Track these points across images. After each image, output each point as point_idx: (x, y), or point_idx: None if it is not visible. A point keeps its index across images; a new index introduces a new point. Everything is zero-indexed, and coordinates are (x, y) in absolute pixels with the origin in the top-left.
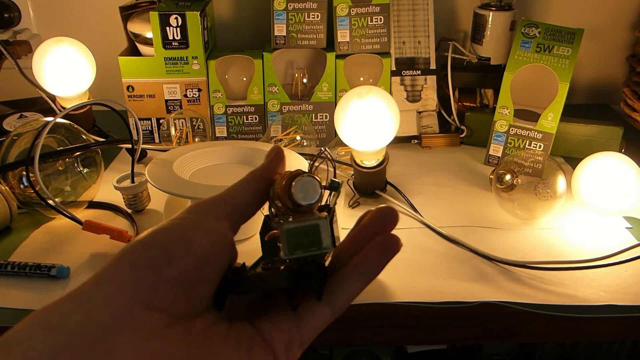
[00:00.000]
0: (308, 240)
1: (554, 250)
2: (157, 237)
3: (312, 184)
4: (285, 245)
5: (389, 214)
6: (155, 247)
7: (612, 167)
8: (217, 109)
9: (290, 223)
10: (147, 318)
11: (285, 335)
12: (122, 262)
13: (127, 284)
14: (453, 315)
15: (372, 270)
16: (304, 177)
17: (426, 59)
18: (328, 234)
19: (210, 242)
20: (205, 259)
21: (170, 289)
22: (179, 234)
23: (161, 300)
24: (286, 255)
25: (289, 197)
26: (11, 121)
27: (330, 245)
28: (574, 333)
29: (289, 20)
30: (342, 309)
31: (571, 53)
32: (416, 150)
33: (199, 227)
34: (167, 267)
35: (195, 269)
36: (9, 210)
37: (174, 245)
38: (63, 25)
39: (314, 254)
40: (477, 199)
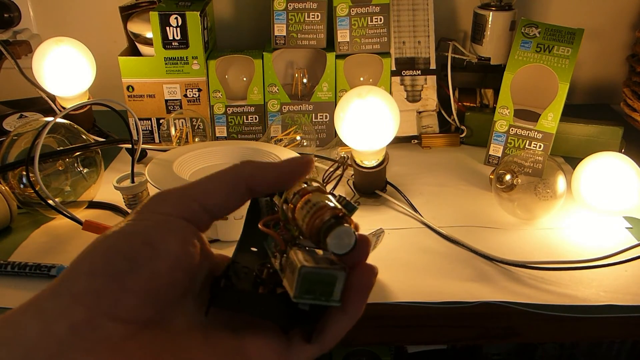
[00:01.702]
0: (320, 289)
1: (554, 250)
2: (119, 242)
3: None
4: (296, 287)
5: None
6: (117, 254)
7: (612, 167)
8: (217, 109)
9: (308, 266)
10: (109, 329)
11: (275, 357)
12: (80, 271)
13: (86, 295)
14: (453, 315)
15: (357, 310)
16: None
17: (426, 59)
18: (341, 286)
19: (177, 244)
20: (174, 263)
21: (136, 298)
22: (143, 238)
23: (125, 310)
24: (294, 298)
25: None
26: (11, 121)
27: (339, 300)
28: (574, 333)
29: (289, 20)
30: (331, 346)
31: (571, 53)
32: (416, 150)
33: (163, 229)
34: (131, 275)
35: (162, 275)
36: (9, 210)
37: (137, 252)
38: (63, 25)
39: (321, 303)
40: (477, 199)
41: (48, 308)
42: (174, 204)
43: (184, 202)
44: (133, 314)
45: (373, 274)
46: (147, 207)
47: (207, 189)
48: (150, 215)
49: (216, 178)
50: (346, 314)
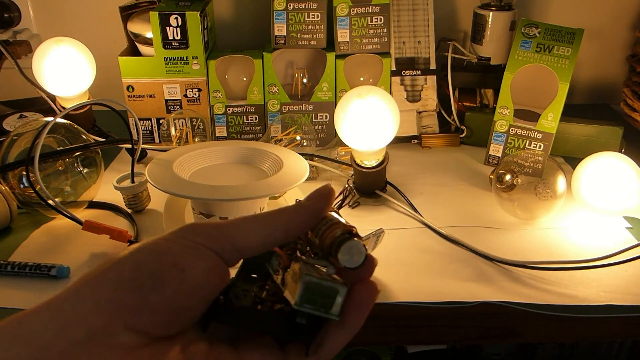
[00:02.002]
0: (320, 300)
1: (554, 250)
2: (148, 259)
3: (360, 250)
4: (299, 295)
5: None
6: (145, 270)
7: (612, 167)
8: (217, 109)
9: (312, 276)
10: (124, 338)
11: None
12: (106, 279)
13: (109, 303)
14: (453, 315)
15: (356, 326)
16: (356, 243)
17: (426, 59)
18: (342, 301)
19: (203, 272)
20: (196, 289)
21: (155, 314)
22: (172, 260)
23: (143, 323)
24: (295, 305)
25: (330, 250)
26: (11, 121)
27: (338, 314)
28: (574, 333)
29: (289, 20)
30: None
31: (571, 53)
32: (416, 150)
33: (193, 254)
34: (154, 292)
35: (183, 298)
36: (9, 210)
37: (164, 271)
38: (63, 25)
39: (319, 314)
40: (477, 199)
41: (68, 310)
42: (208, 236)
43: (217, 238)
44: (150, 327)
45: (375, 292)
46: (181, 231)
47: (242, 232)
48: (181, 240)
49: (253, 222)
50: (344, 327)
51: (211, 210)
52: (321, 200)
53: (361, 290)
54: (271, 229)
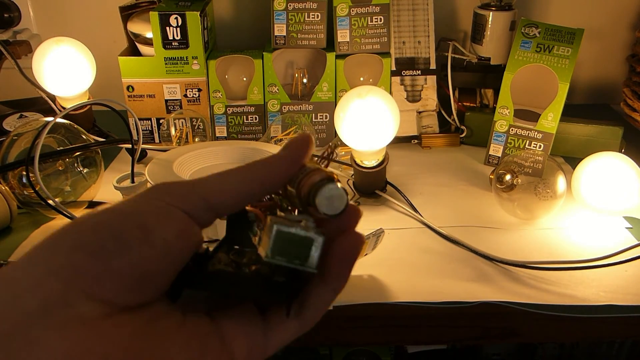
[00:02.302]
0: (295, 251)
1: (554, 250)
2: (111, 220)
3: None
4: (269, 246)
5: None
6: (107, 232)
7: (612, 167)
8: (217, 109)
9: (283, 223)
10: (84, 308)
11: (250, 340)
12: (63, 243)
13: (65, 269)
14: (453, 315)
15: (341, 282)
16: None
17: (426, 59)
18: (319, 252)
19: (174, 234)
20: (166, 252)
21: (118, 280)
22: (138, 221)
23: (105, 291)
24: (266, 257)
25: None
26: (11, 121)
27: (315, 266)
28: (574, 333)
29: (289, 20)
30: (312, 323)
31: (571, 53)
32: (416, 150)
33: (162, 215)
34: (117, 257)
35: (151, 262)
36: (9, 210)
37: (129, 233)
38: (63, 25)
39: (295, 267)
40: (477, 199)
41: (20, 278)
42: (178, 196)
43: (189, 197)
44: (113, 296)
45: (359, 242)
46: (150, 191)
47: (217, 188)
48: (150, 200)
49: (227, 177)
50: (328, 284)
51: None
52: (299, 149)
53: (343, 242)
54: (247, 183)
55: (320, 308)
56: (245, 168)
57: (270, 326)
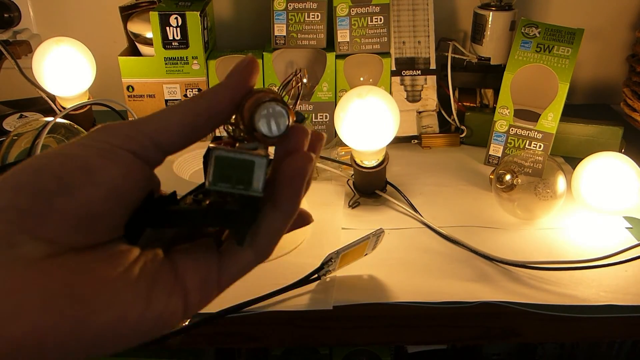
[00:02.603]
0: (237, 176)
1: (554, 250)
2: (53, 162)
3: (280, 114)
4: (210, 173)
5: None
6: (49, 173)
7: (612, 167)
8: None
9: (222, 149)
10: (28, 247)
11: (202, 272)
12: (4, 186)
13: (8, 210)
14: (453, 315)
15: (291, 205)
16: (273, 105)
17: (426, 59)
18: (262, 175)
19: (119, 175)
20: (112, 193)
21: (62, 220)
22: (80, 162)
23: (50, 231)
24: (209, 185)
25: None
26: (11, 121)
27: (260, 189)
28: (574, 333)
29: (289, 20)
30: (267, 252)
31: (571, 53)
32: (416, 150)
33: (106, 157)
34: (60, 197)
35: (97, 203)
36: None
37: (72, 174)
38: (63, 25)
39: (239, 192)
40: (477, 199)
41: None
42: (122, 136)
43: (134, 137)
44: (58, 235)
45: (307, 160)
46: (90, 135)
47: (161, 125)
48: (93, 142)
49: (171, 113)
50: (277, 209)
51: None
52: (241, 73)
53: (290, 162)
54: (191, 116)
55: (273, 235)
56: (188, 101)
57: (224, 259)
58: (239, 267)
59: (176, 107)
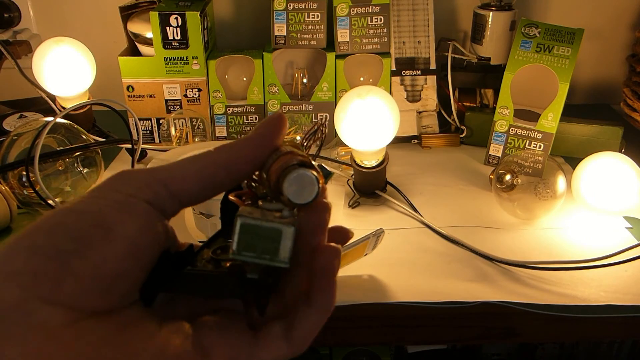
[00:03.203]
0: (263, 245)
1: (554, 250)
2: (68, 220)
3: (309, 182)
4: (234, 242)
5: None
6: (64, 232)
7: (612, 167)
8: (217, 109)
9: (248, 216)
10: (45, 315)
11: (233, 353)
12: (19, 248)
13: (22, 274)
14: (453, 315)
15: (327, 303)
16: (303, 172)
17: (426, 59)
18: (289, 245)
19: (137, 229)
20: (129, 250)
21: (79, 283)
22: (96, 218)
23: (67, 295)
24: (233, 254)
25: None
26: (11, 121)
27: (287, 260)
28: (574, 333)
29: (289, 20)
30: (303, 347)
31: (571, 53)
32: (416, 150)
33: (122, 210)
34: (76, 258)
35: (114, 262)
36: (9, 210)
37: (88, 232)
38: (63, 25)
39: (265, 263)
40: (477, 199)
41: None
42: (138, 184)
43: (150, 184)
44: (76, 300)
45: (334, 256)
46: (106, 185)
47: (178, 174)
48: (108, 194)
49: (189, 162)
50: (312, 306)
51: (211, 210)
52: (268, 130)
53: (319, 258)
54: (211, 168)
55: (310, 331)
56: (209, 152)
57: (258, 343)
58: (272, 356)
59: (196, 157)
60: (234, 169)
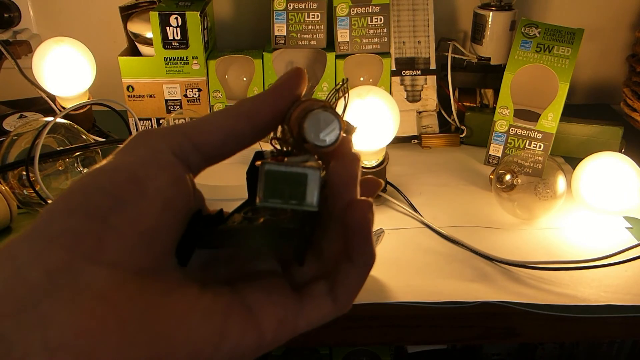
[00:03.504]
0: (290, 190)
1: (554, 250)
2: (100, 179)
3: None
4: (261, 189)
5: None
6: (98, 190)
7: (612, 167)
8: (217, 109)
9: (272, 163)
10: (91, 276)
11: (280, 313)
12: (57, 210)
13: (63, 235)
14: (453, 315)
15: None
16: (323, 112)
17: (426, 59)
18: (316, 189)
19: (168, 182)
20: (164, 203)
21: (121, 239)
22: (127, 175)
23: (110, 252)
24: (260, 201)
25: (298, 130)
26: (11, 121)
27: (314, 203)
28: (574, 333)
29: (289, 20)
30: (347, 305)
31: (571, 53)
32: (416, 150)
33: (151, 165)
34: (114, 213)
35: (151, 217)
36: (9, 210)
37: (121, 188)
38: (63, 25)
39: (293, 207)
40: (477, 199)
41: (21, 253)
42: (163, 137)
43: (174, 136)
44: (120, 257)
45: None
46: (132, 142)
47: (200, 126)
48: (135, 150)
49: (212, 115)
50: (354, 264)
51: None
52: (288, 81)
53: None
54: (232, 119)
55: (353, 289)
56: (232, 105)
57: (303, 302)
58: (319, 316)
59: (218, 111)
60: (256, 118)
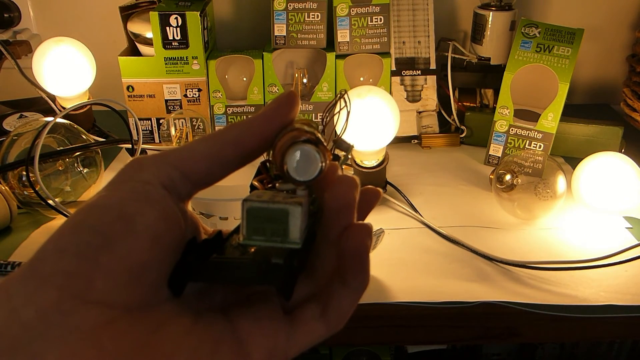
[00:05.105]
0: (272, 227)
1: (554, 250)
2: (89, 217)
3: (311, 158)
4: (244, 227)
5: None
6: (87, 229)
7: (612, 167)
8: (217, 109)
9: (255, 200)
10: (81, 315)
11: (270, 341)
12: (47, 250)
13: (55, 275)
14: (453, 315)
15: (360, 282)
16: (303, 147)
17: (426, 59)
18: (299, 224)
19: (157, 217)
20: (153, 238)
21: (110, 277)
22: (116, 213)
23: (100, 291)
24: (244, 239)
25: (281, 161)
26: (11, 121)
27: (297, 240)
28: (574, 333)
29: (289, 20)
30: (339, 326)
31: (571, 53)
32: (416, 150)
33: (140, 200)
34: (104, 252)
35: (140, 253)
36: (9, 210)
37: (110, 226)
38: (63, 25)
39: (276, 245)
40: (477, 199)
41: (15, 293)
42: (150, 168)
43: (163, 168)
44: (109, 295)
45: (366, 234)
46: (122, 174)
47: (187, 155)
48: (125, 184)
49: (198, 142)
50: (347, 287)
51: (211, 210)
52: (278, 105)
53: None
54: (219, 145)
55: (345, 311)
56: (219, 131)
57: (294, 327)
58: (309, 339)
59: (204, 137)
60: (242, 144)
